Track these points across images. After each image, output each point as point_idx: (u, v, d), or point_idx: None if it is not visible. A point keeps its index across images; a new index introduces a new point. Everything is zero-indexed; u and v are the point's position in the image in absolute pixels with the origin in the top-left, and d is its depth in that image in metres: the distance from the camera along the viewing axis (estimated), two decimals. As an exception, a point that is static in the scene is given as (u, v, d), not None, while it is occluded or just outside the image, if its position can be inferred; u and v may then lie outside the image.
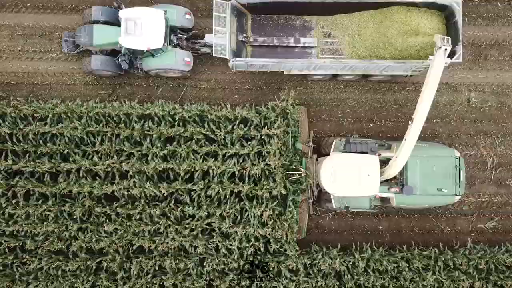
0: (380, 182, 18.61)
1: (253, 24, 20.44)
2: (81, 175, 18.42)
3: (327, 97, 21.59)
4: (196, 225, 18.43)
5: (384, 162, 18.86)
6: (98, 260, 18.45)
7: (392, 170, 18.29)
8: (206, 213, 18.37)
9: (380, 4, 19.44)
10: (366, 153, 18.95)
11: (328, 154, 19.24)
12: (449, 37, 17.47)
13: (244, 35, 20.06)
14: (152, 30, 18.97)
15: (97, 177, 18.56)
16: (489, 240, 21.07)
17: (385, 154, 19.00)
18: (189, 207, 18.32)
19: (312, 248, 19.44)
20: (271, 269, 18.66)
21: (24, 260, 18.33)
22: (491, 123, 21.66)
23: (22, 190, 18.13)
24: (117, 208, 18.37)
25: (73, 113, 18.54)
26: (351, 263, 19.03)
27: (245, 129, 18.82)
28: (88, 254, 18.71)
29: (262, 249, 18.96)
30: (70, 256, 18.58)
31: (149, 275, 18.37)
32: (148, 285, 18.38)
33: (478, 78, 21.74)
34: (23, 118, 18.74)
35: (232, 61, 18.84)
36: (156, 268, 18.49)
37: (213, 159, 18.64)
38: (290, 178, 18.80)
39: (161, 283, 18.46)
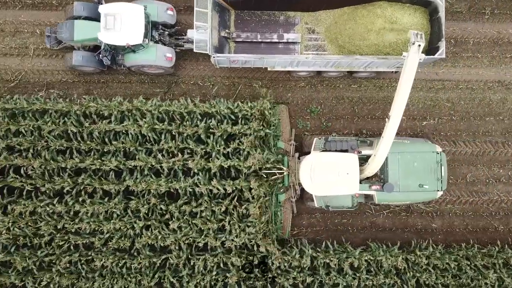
0: (362, 180, 18.27)
1: (236, 20, 20.18)
2: (145, 173, 18.47)
3: (380, 95, 21.59)
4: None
5: (365, 160, 18.43)
6: (163, 257, 18.47)
7: (372, 168, 17.87)
8: (269, 211, 18.44)
9: None
10: (346, 151, 18.59)
11: (309, 153, 18.78)
12: (422, 33, 16.81)
13: (227, 30, 19.85)
14: (131, 26, 18.63)
15: (161, 175, 18.59)
16: (543, 238, 21.09)
17: (366, 151, 18.56)
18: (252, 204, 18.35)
19: (373, 246, 19.45)
20: (333, 266, 18.69)
21: (90, 257, 18.33)
22: (544, 121, 21.67)
23: (89, 188, 18.16)
24: (182, 206, 18.41)
25: (137, 111, 18.59)
26: (412, 260, 19.02)
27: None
28: (151, 251, 18.74)
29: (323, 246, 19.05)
30: (135, 253, 18.61)
31: (213, 272, 18.39)
32: (212, 282, 18.42)
33: (531, 76, 21.77)
34: (86, 116, 18.78)
35: (214, 57, 18.62)
36: (221, 265, 18.52)
37: (272, 156, 18.70)
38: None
39: (224, 280, 18.49)
